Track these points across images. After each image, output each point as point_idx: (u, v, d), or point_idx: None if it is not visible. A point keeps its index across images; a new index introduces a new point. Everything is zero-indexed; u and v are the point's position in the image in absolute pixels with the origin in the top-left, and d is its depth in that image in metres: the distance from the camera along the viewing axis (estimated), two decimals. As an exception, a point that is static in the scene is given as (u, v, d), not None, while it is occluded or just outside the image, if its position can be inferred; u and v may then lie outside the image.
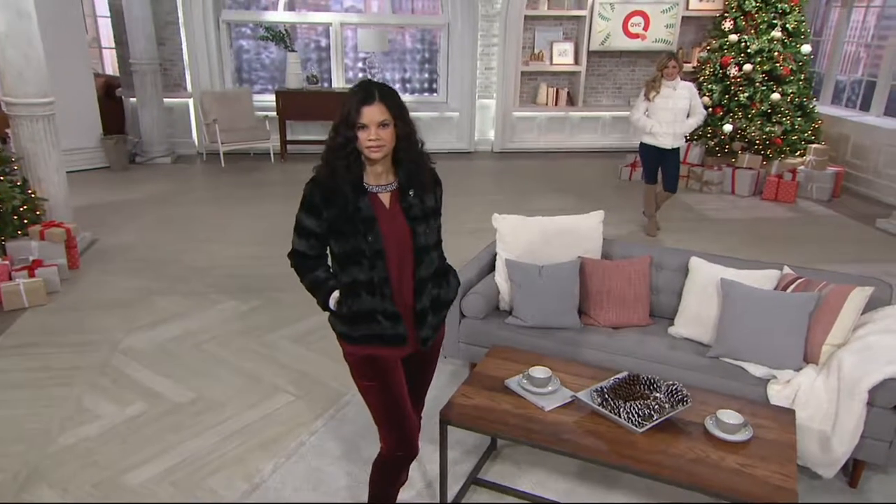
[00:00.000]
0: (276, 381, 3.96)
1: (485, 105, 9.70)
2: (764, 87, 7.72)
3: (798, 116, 7.80)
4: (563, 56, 9.65)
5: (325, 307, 2.47)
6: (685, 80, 6.13)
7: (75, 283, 5.20)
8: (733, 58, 7.85)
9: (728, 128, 7.84)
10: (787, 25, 7.69)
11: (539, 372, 2.89)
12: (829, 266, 4.64)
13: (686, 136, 6.22)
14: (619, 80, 9.93)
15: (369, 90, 2.23)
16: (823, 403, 3.03)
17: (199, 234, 6.33)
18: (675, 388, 2.70)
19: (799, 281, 3.46)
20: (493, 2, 9.23)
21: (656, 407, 2.61)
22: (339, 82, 9.69)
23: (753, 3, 7.74)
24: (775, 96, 7.66)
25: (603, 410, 2.67)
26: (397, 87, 9.37)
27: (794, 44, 7.74)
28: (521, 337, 3.66)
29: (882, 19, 8.39)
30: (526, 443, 2.69)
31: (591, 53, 9.53)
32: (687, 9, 9.36)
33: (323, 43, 10.27)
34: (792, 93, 7.71)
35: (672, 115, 6.01)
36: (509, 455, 3.35)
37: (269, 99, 9.40)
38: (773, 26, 7.71)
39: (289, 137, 9.16)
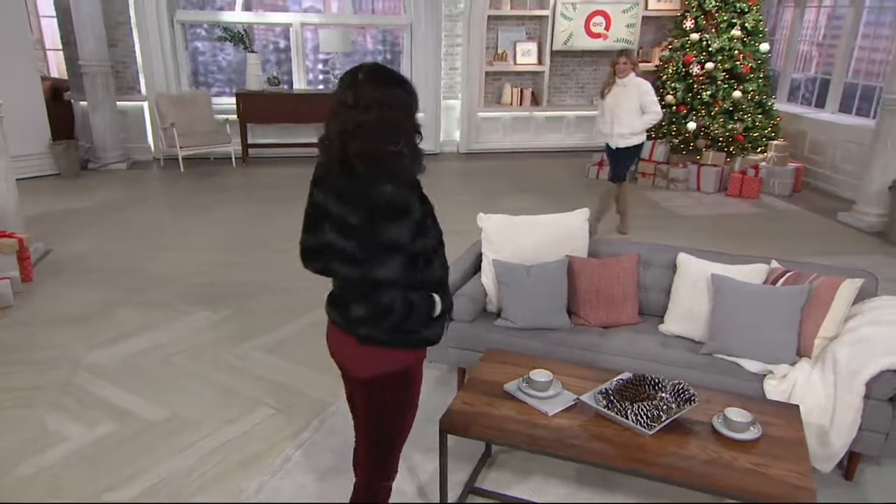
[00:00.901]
0: (253, 394, 3.77)
1: (449, 106, 9.61)
2: (726, 85, 7.82)
3: (759, 114, 7.92)
4: (526, 56, 9.62)
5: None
6: (646, 78, 6.14)
7: (29, 296, 4.90)
8: (695, 56, 7.93)
9: (692, 125, 7.91)
10: (746, 24, 7.81)
11: (540, 375, 2.79)
12: (797, 259, 4.67)
13: (637, 134, 6.06)
14: (582, 79, 9.96)
15: None
16: (821, 397, 3.01)
17: (159, 243, 6.05)
18: (682, 388, 2.64)
19: (788, 274, 3.45)
20: (456, 1, 9.15)
21: (664, 407, 2.54)
22: (300, 84, 9.46)
23: (713, 3, 7.84)
24: (737, 94, 7.77)
25: (609, 413, 2.59)
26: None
27: (752, 42, 7.87)
28: (511, 339, 3.56)
29: (833, 19, 8.60)
30: (531, 450, 2.59)
31: (554, 53, 9.53)
32: (646, 9, 9.45)
33: (281, 44, 10.05)
34: (752, 90, 7.83)
35: (616, 113, 5.97)
36: (505, 461, 3.24)
37: (228, 102, 9.14)
38: (732, 25, 7.82)
39: (249, 141, 8.90)
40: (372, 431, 2.25)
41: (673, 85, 8.09)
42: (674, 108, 8.08)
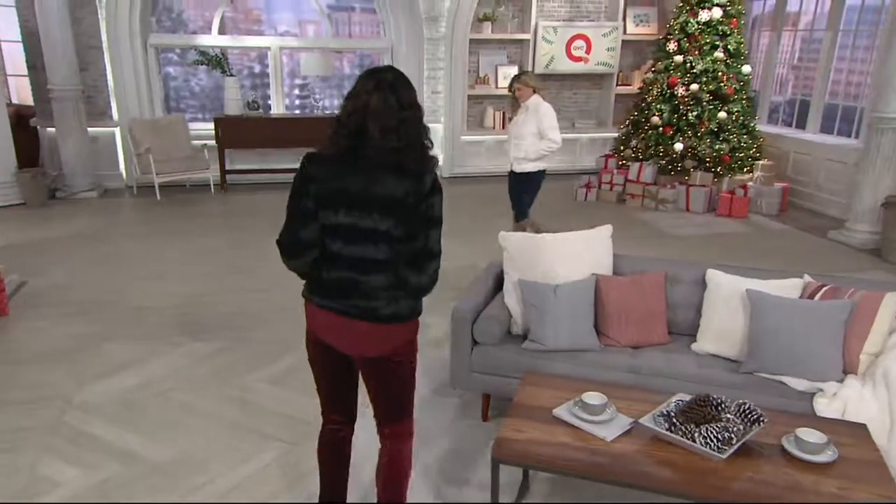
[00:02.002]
0: (262, 428, 3.50)
1: (433, 130, 9.45)
2: (711, 107, 7.88)
3: (743, 134, 7.99)
4: (508, 79, 9.57)
5: None
6: (626, 101, 6.03)
7: (7, 331, 4.55)
8: (680, 78, 7.98)
9: (679, 146, 7.93)
10: (729, 46, 7.91)
11: (594, 399, 2.61)
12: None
13: (533, 161, 5.71)
14: (563, 103, 9.96)
15: None
16: (875, 415, 2.89)
17: (138, 273, 5.72)
18: (748, 408, 2.48)
19: (825, 289, 3.35)
20: (437, 25, 9.09)
21: (734, 429, 2.38)
22: (279, 108, 9.25)
23: (696, 26, 7.92)
24: (722, 115, 7.83)
25: (675, 437, 2.41)
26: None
27: (735, 64, 7.96)
28: (542, 362, 3.38)
29: (807, 42, 8.78)
30: (597, 480, 2.39)
31: (537, 77, 9.49)
32: (625, 33, 9.54)
33: (256, 68, 9.86)
34: (737, 111, 7.90)
35: (516, 135, 5.76)
36: (540, 490, 3.04)
37: (203, 127, 8.88)
38: (715, 47, 7.91)
39: (227, 167, 8.62)
40: (395, 396, 2.52)
41: (659, 106, 8.12)
42: (660, 129, 8.11)
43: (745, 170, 8.02)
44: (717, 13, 7.86)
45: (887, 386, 2.93)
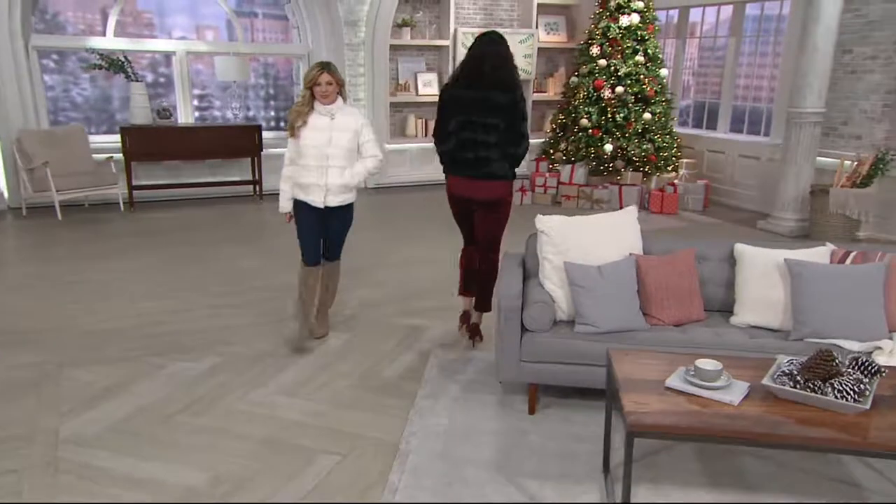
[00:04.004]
0: (302, 442, 3.10)
1: (355, 138, 9.13)
2: (636, 108, 8.16)
3: (666, 135, 8.34)
4: (428, 87, 9.47)
5: None
6: (543, 109, 5.47)
7: (-71, 367, 3.74)
8: (605, 81, 8.22)
9: (608, 147, 8.14)
10: (648, 50, 8.25)
11: (708, 364, 2.49)
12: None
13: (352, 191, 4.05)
14: (482, 110, 9.97)
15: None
16: (933, 367, 2.98)
17: (70, 297, 4.93)
18: (864, 361, 2.45)
19: (853, 254, 3.45)
20: (357, 29, 8.81)
21: (865, 381, 2.33)
22: (186, 117, 8.52)
23: (617, 31, 8.21)
24: (647, 116, 8.14)
25: (807, 394, 2.33)
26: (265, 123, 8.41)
27: (654, 68, 8.32)
28: (596, 345, 3.23)
29: (715, 50, 9.37)
30: (742, 444, 2.27)
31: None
32: (538, 41, 9.73)
33: (149, 77, 9.07)
34: (659, 113, 8.24)
35: (325, 155, 3.82)
36: (620, 476, 2.86)
37: (102, 140, 8.02)
38: (636, 51, 8.22)
39: (134, 182, 7.79)
40: (493, 229, 4.11)
41: (586, 109, 8.30)
42: (589, 131, 8.28)
43: (669, 168, 8.36)
44: (635, 18, 8.19)
45: (939, 339, 3.04)
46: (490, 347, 4.12)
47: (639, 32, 8.24)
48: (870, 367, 2.43)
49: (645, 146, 8.16)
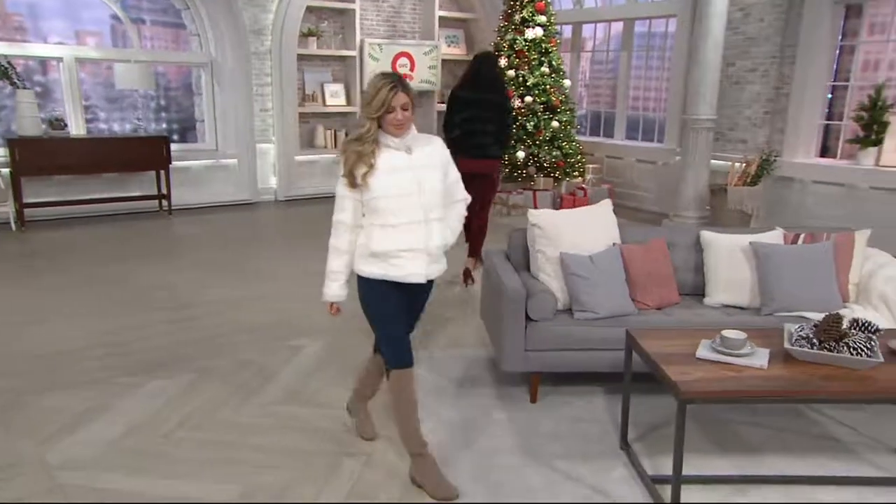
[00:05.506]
0: (321, 447, 3.00)
1: (263, 150, 8.85)
2: (545, 117, 8.54)
3: (572, 142, 8.79)
4: (335, 97, 9.37)
5: None
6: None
7: None
8: (514, 91, 8.53)
9: (521, 154, 8.44)
10: (553, 62, 8.68)
11: (734, 334, 2.69)
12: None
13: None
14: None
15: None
16: (887, 329, 3.39)
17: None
18: (863, 321, 2.75)
19: (803, 235, 3.85)
20: (262, 38, 8.57)
21: (874, 339, 2.63)
22: (78, 129, 7.86)
23: (524, 43, 8.57)
24: (555, 124, 8.53)
25: (828, 354, 2.59)
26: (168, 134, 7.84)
27: (558, 79, 8.75)
28: (597, 330, 3.39)
29: (607, 63, 10.00)
30: (782, 401, 2.47)
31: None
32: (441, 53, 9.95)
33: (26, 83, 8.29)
34: (565, 121, 8.67)
35: (419, 206, 2.64)
36: (640, 451, 3.03)
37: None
38: (541, 63, 8.61)
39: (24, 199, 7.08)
40: (487, 194, 5.44)
41: (498, 118, 8.56)
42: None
43: (575, 174, 8.80)
44: (539, 32, 8.58)
45: (888, 307, 3.47)
46: (473, 345, 4.17)
47: (543, 45, 8.64)
48: (869, 327, 2.73)
49: (554, 153, 8.55)
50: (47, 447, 2.89)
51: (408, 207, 2.59)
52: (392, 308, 2.66)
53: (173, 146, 8.24)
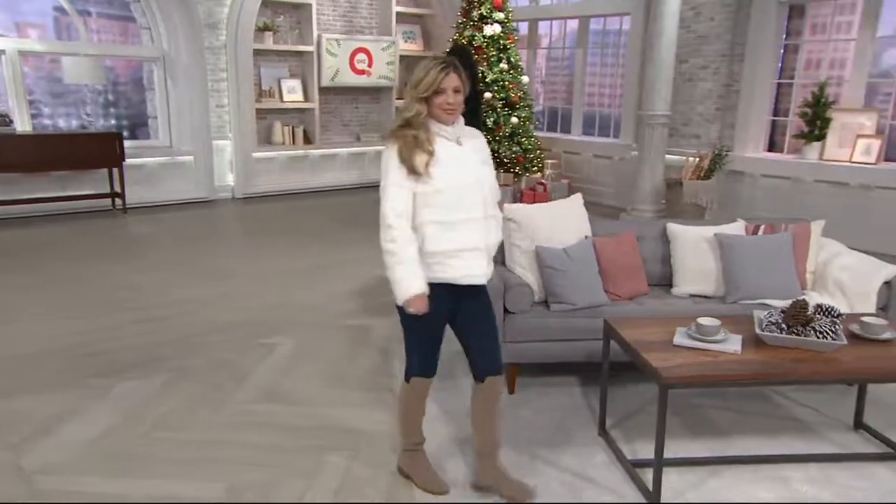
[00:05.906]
0: (304, 443, 3.00)
1: (219, 147, 8.69)
2: (505, 113, 8.62)
3: (531, 137, 8.90)
4: (292, 93, 9.27)
5: None
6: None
7: None
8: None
9: (481, 150, 8.50)
10: (511, 58, 8.76)
11: (708, 321, 2.81)
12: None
13: None
14: (345, 116, 9.97)
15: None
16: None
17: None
18: (826, 307, 2.89)
19: (763, 226, 4.01)
20: (217, 33, 8.41)
21: (837, 322, 2.77)
22: (23, 125, 7.57)
23: (483, 39, 8.63)
24: (514, 120, 8.62)
25: (797, 338, 2.72)
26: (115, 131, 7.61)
27: (516, 75, 8.84)
28: (573, 320, 3.48)
29: (562, 60, 10.16)
30: (755, 384, 2.60)
31: (323, 90, 9.37)
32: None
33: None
34: (523, 117, 8.78)
35: (481, 201, 2.48)
36: (618, 437, 3.13)
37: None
38: (500, 59, 8.69)
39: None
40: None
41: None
42: (462, 135, 8.59)
43: (534, 169, 8.92)
44: (497, 28, 8.66)
45: (843, 293, 3.66)
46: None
47: (501, 42, 8.72)
48: (833, 312, 2.88)
49: (514, 149, 8.65)
50: (19, 453, 2.82)
51: (470, 202, 2.39)
52: (434, 313, 2.43)
53: (126, 143, 8.02)
